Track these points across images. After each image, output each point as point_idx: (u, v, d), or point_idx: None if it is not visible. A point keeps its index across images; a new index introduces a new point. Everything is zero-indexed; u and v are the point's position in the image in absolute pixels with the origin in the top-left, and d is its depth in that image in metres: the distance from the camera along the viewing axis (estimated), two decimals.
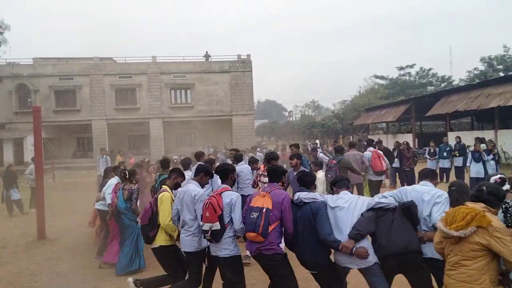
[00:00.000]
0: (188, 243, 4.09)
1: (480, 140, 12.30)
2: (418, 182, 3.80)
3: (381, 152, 8.81)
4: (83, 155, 29.72)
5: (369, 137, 25.84)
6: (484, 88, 18.28)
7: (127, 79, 29.19)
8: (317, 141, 29.78)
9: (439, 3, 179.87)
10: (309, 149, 14.95)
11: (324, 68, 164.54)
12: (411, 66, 45.25)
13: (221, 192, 3.85)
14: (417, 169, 8.79)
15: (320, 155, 9.38)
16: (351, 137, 33.33)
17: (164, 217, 4.21)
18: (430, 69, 44.97)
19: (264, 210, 3.51)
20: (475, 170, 11.04)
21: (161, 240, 4.32)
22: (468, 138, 15.77)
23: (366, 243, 3.39)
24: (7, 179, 11.10)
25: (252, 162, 7.23)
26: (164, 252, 4.34)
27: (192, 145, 29.75)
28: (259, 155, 10.95)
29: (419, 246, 3.32)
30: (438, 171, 13.53)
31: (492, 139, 12.90)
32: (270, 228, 3.50)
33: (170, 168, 5.58)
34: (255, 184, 6.66)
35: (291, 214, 3.61)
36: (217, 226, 3.66)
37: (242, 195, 4.27)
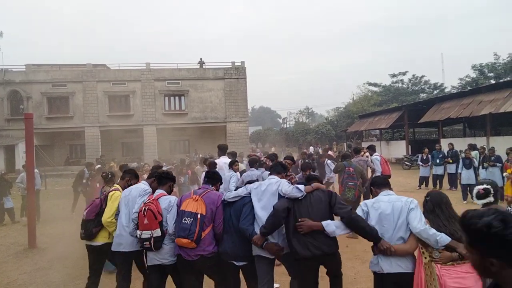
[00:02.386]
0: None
1: (472, 147, 12.43)
2: None
3: (384, 157, 8.99)
4: (76, 162, 29.43)
5: (363, 144, 25.95)
6: (476, 95, 18.49)
7: (120, 86, 29.02)
8: (311, 147, 29.79)
9: (431, 11, 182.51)
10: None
11: (318, 75, 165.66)
12: (404, 74, 45.78)
13: (158, 198, 3.84)
14: None
15: (329, 162, 9.66)
16: (344, 144, 33.43)
17: (109, 213, 4.15)
18: (422, 76, 45.55)
19: (198, 216, 3.53)
20: (466, 176, 11.15)
21: (104, 237, 4.26)
22: (461, 144, 15.91)
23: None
24: (0, 187, 10.94)
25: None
26: (109, 249, 4.19)
27: (186, 152, 29.60)
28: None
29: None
30: (431, 177, 13.65)
31: (484, 146, 13.04)
32: (204, 234, 3.55)
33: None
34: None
35: (222, 215, 3.71)
36: (158, 233, 3.64)
37: None
